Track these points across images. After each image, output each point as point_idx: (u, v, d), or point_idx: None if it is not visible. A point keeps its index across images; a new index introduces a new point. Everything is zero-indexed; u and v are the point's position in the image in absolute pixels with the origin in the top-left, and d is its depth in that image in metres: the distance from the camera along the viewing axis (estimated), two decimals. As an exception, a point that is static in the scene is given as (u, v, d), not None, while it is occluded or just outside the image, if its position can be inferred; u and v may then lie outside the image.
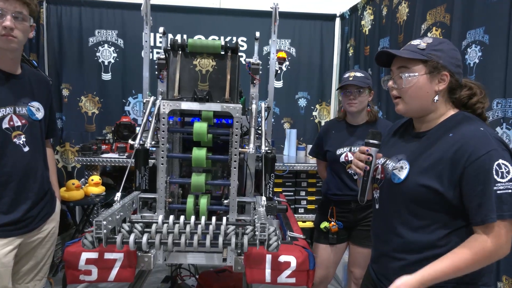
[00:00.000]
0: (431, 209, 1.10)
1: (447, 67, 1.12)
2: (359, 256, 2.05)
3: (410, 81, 1.12)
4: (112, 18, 3.64)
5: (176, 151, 1.59)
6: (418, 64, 1.12)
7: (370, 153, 1.20)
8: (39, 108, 1.61)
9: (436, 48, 1.13)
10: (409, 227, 1.13)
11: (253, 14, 3.69)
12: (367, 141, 1.22)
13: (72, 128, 3.69)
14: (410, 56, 1.12)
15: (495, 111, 1.73)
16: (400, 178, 1.14)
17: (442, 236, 1.09)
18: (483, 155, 1.01)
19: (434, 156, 1.09)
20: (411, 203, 1.13)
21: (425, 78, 1.12)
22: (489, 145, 1.02)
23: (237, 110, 1.34)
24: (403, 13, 2.64)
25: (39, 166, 1.61)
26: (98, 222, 1.04)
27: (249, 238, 1.13)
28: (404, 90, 1.14)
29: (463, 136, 1.06)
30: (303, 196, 3.40)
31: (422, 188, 1.09)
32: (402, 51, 1.15)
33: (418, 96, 1.13)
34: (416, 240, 1.12)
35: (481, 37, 1.84)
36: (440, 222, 1.09)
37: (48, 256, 1.70)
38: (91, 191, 2.69)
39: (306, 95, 3.92)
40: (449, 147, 1.07)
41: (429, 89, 1.13)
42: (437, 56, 1.11)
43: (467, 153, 1.03)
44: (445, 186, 1.06)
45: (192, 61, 1.43)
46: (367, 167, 1.22)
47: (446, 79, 1.13)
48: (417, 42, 1.15)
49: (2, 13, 1.38)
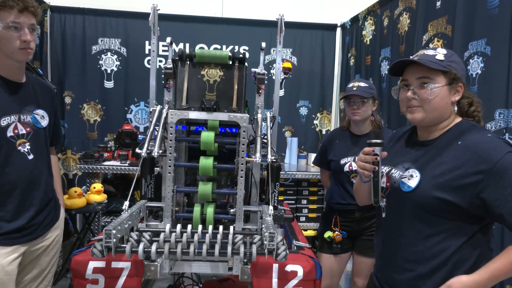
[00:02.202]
0: (442, 216, 1.10)
1: (462, 78, 1.15)
2: (363, 266, 2.04)
3: (435, 92, 1.12)
4: (115, 27, 3.66)
5: (182, 159, 1.59)
6: (439, 75, 1.13)
7: (376, 152, 1.19)
8: (44, 115, 1.62)
9: (451, 59, 1.15)
10: (420, 235, 1.14)
11: (255, 24, 3.73)
12: (370, 142, 1.21)
13: (74, 136, 3.69)
14: (434, 66, 1.12)
15: (497, 121, 1.74)
16: (410, 186, 1.14)
17: (454, 243, 1.09)
18: (501, 159, 1.01)
19: (446, 165, 1.09)
20: (422, 211, 1.13)
21: (446, 89, 1.13)
22: (503, 148, 1.03)
23: (244, 120, 1.36)
24: (404, 24, 2.67)
25: (43, 174, 1.62)
26: (108, 231, 1.04)
27: (257, 248, 1.13)
28: (428, 100, 1.13)
29: (473, 143, 1.07)
30: (305, 204, 3.40)
31: (435, 199, 1.09)
32: (427, 61, 1.13)
33: (439, 107, 1.14)
34: (426, 249, 1.12)
35: (483, 48, 1.86)
36: (452, 230, 1.10)
37: (52, 264, 1.70)
38: (93, 199, 2.69)
39: (307, 103, 3.94)
40: (460, 155, 1.08)
41: (449, 100, 1.15)
42: (454, 68, 1.13)
43: (482, 159, 1.03)
44: (459, 195, 1.06)
45: (200, 71, 1.45)
46: (376, 167, 1.20)
47: (460, 90, 1.15)
48: (433, 53, 1.16)
49: (19, 27, 1.40)
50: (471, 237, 1.09)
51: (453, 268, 1.09)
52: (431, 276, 1.11)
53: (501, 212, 1.01)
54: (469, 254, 1.09)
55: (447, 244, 1.10)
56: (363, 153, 1.23)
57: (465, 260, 1.09)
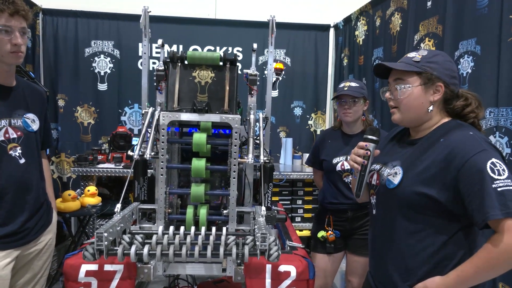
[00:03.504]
0: (424, 213, 1.12)
1: (441, 78, 1.15)
2: (357, 265, 2.05)
3: (404, 92, 1.17)
4: (108, 29, 3.66)
5: (175, 161, 1.59)
6: (412, 76, 1.16)
7: (369, 148, 1.23)
8: (34, 119, 1.61)
9: (431, 60, 1.16)
10: (404, 232, 1.16)
11: (249, 25, 3.73)
12: (365, 137, 1.24)
13: (67, 139, 3.68)
14: (404, 68, 1.17)
15: (488, 120, 1.76)
16: (394, 183, 1.17)
17: (437, 241, 1.11)
18: (474, 155, 1.03)
19: (427, 161, 1.12)
20: (405, 208, 1.15)
21: (419, 89, 1.16)
22: (479, 146, 1.05)
23: (236, 121, 1.36)
24: (396, 24, 2.69)
25: (35, 178, 1.61)
26: (100, 234, 1.04)
27: (250, 248, 1.13)
28: (400, 100, 1.18)
29: (453, 140, 1.09)
30: (300, 204, 3.40)
31: (416, 194, 1.11)
32: (397, 64, 1.19)
33: (413, 106, 1.17)
34: (411, 245, 1.14)
35: (473, 48, 1.88)
36: (434, 227, 1.11)
37: (45, 268, 1.69)
38: (87, 202, 2.67)
39: (301, 104, 3.96)
40: (440, 152, 1.10)
41: (424, 100, 1.17)
42: (431, 68, 1.15)
43: (458, 155, 1.05)
44: (438, 191, 1.08)
45: (191, 72, 1.45)
46: (365, 162, 1.23)
47: (440, 89, 1.16)
48: (413, 55, 1.20)
49: (10, 30, 1.40)
50: (452, 235, 1.10)
51: (436, 266, 1.11)
52: (417, 272, 1.12)
53: (471, 209, 1.02)
54: (453, 253, 1.10)
55: (430, 241, 1.11)
56: (357, 147, 1.26)
57: (449, 259, 1.10)
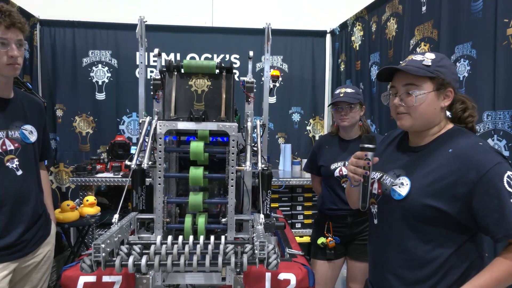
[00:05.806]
0: (432, 225, 1.09)
1: (451, 83, 1.13)
2: (357, 271, 2.04)
3: (421, 99, 1.11)
4: (106, 39, 3.67)
5: (173, 170, 1.59)
6: (426, 81, 1.11)
7: (368, 157, 1.17)
8: (32, 131, 1.61)
9: (440, 64, 1.12)
10: (411, 242, 1.13)
11: (245, 32, 3.75)
12: (362, 146, 1.19)
13: (66, 149, 3.68)
14: (418, 73, 1.10)
15: (485, 123, 1.76)
16: (401, 194, 1.13)
17: (445, 252, 1.08)
18: (490, 169, 1.00)
19: (436, 173, 1.08)
20: (411, 219, 1.12)
21: (433, 95, 1.11)
22: (494, 158, 1.02)
23: (233, 129, 1.36)
24: (391, 29, 2.70)
25: (32, 189, 1.60)
26: (97, 245, 1.03)
27: (248, 257, 1.12)
28: (414, 107, 1.12)
29: (464, 152, 1.06)
30: (300, 211, 3.39)
31: (425, 207, 1.08)
32: (409, 68, 1.12)
33: (427, 113, 1.12)
34: (417, 256, 1.11)
35: (469, 52, 1.89)
36: (442, 238, 1.09)
37: (44, 280, 1.68)
38: (86, 212, 2.66)
39: (299, 110, 3.96)
40: (450, 163, 1.07)
41: (437, 106, 1.13)
42: (442, 73, 1.11)
43: (473, 168, 1.02)
44: (447, 203, 1.05)
45: (188, 81, 1.45)
46: (367, 172, 1.18)
47: (450, 95, 1.13)
48: (421, 58, 1.13)
49: (6, 43, 1.41)
50: (461, 246, 1.08)
51: (443, 277, 1.09)
52: (421, 284, 1.10)
53: (487, 223, 1.01)
54: (459, 263, 1.08)
55: (438, 252, 1.09)
56: (354, 157, 1.21)
57: (455, 269, 1.08)
